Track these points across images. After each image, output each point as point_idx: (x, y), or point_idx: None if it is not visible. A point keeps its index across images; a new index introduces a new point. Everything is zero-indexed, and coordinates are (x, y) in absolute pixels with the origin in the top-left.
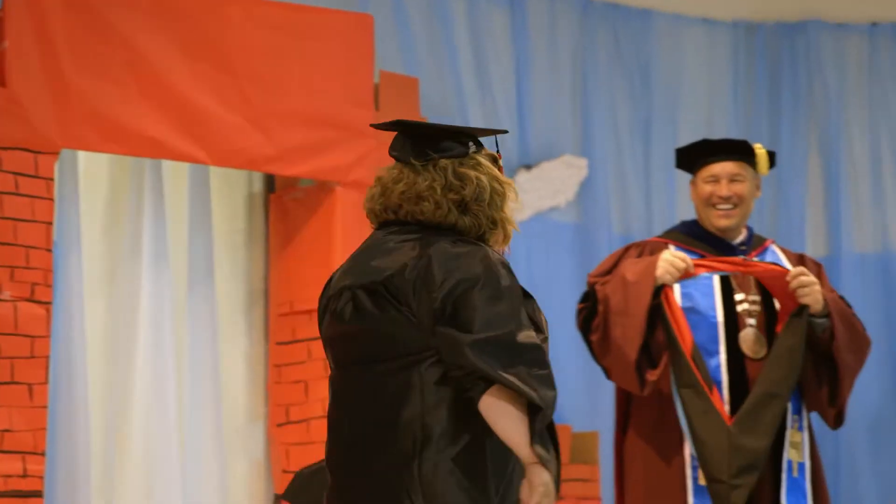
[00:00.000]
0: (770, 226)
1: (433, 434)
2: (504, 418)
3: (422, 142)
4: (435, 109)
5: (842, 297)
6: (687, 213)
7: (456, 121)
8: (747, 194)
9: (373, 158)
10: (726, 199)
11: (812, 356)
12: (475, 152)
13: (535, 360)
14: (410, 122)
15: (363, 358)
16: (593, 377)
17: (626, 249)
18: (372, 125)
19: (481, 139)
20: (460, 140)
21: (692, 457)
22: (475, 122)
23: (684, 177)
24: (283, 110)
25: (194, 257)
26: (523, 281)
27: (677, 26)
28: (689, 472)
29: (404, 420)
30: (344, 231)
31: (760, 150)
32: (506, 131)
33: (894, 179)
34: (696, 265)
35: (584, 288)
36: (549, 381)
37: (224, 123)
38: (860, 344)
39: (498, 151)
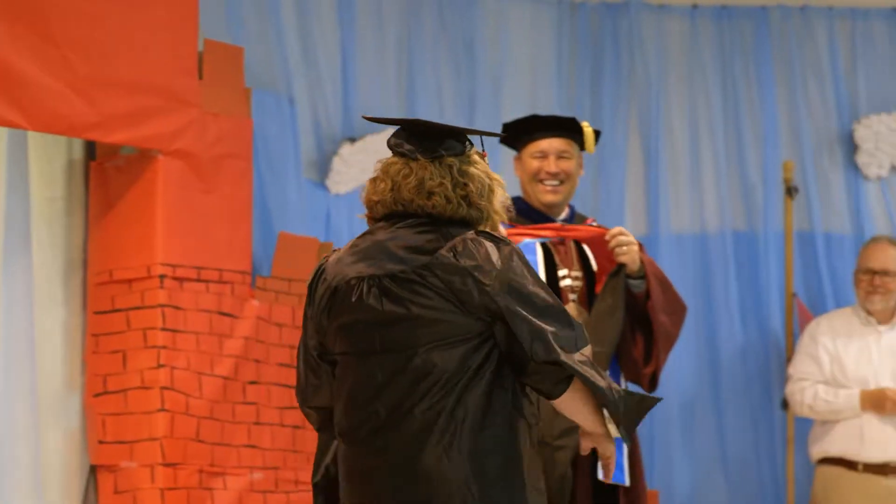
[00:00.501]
0: (590, 205)
1: (473, 415)
2: (583, 411)
3: (429, 140)
4: (259, 80)
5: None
6: (509, 188)
7: (281, 91)
8: (574, 171)
9: (196, 127)
10: (554, 175)
11: (629, 317)
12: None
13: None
14: (419, 122)
15: (398, 344)
16: None
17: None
18: (366, 118)
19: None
20: (460, 139)
21: None
22: (299, 93)
23: (507, 152)
24: (104, 77)
25: (10, 225)
26: None
27: (503, 2)
28: None
29: (448, 404)
30: (165, 200)
31: (588, 129)
32: (500, 134)
33: (712, 161)
34: (517, 233)
35: None
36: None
37: (43, 88)
38: (676, 307)
39: (483, 150)
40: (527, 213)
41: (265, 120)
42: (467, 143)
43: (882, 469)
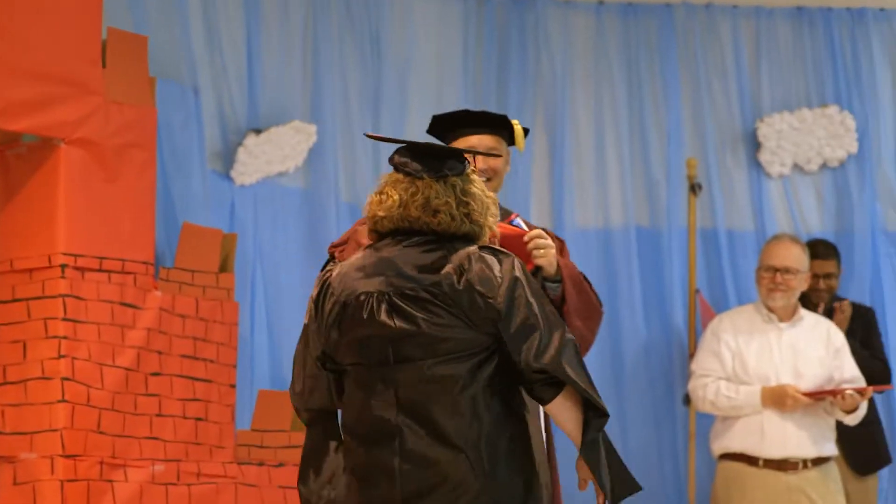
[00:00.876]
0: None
1: (490, 421)
2: (571, 419)
3: (433, 160)
4: (164, 70)
5: (582, 274)
6: None
7: (186, 81)
8: (501, 169)
9: (99, 116)
10: (482, 172)
11: None
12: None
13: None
14: (423, 144)
15: (411, 357)
16: None
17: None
18: (366, 135)
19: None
20: (461, 159)
21: None
22: (204, 83)
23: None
24: (6, 64)
25: None
26: (249, 247)
27: None
28: None
29: (466, 410)
30: (67, 189)
31: (518, 126)
32: (500, 156)
33: (617, 157)
34: None
35: (310, 255)
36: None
37: None
38: (591, 312)
39: (475, 168)
40: None
41: (169, 110)
42: (466, 163)
43: (781, 465)
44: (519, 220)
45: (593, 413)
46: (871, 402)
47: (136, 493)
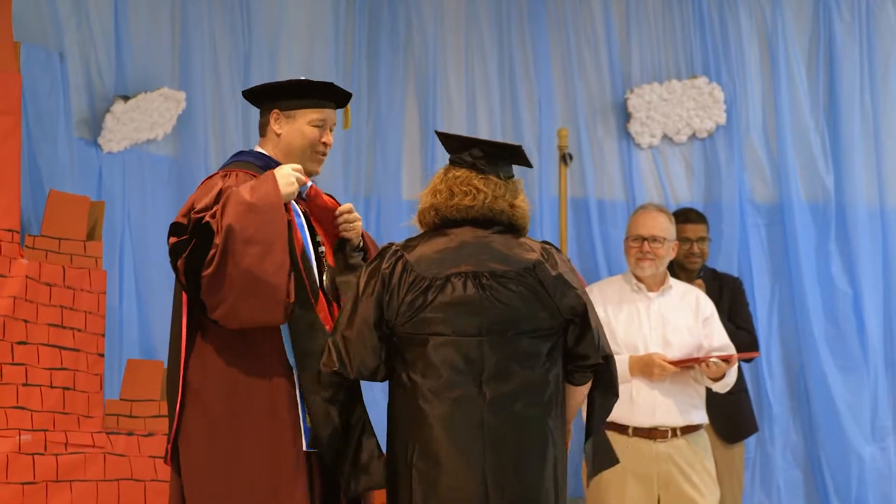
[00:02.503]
0: (365, 170)
1: (555, 391)
2: (583, 400)
3: (505, 161)
4: (29, 34)
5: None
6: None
7: (52, 46)
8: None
9: None
10: (326, 147)
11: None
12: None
13: None
14: (506, 145)
15: (495, 330)
16: None
17: (216, 178)
18: (439, 133)
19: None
20: (528, 163)
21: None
22: (70, 48)
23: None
24: None
25: None
26: (117, 215)
27: None
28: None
29: (543, 380)
30: None
31: (348, 107)
32: (519, 145)
33: (488, 127)
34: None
35: None
36: None
37: None
38: None
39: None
40: None
41: (35, 75)
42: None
43: (651, 433)
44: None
45: (613, 397)
46: (739, 372)
47: (2, 464)
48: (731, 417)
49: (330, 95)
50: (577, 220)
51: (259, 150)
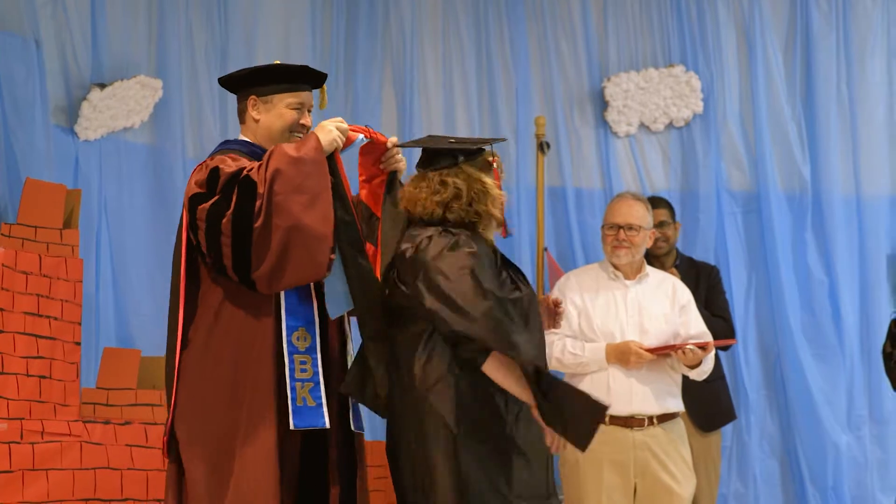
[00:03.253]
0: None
1: (436, 379)
2: (508, 380)
3: (423, 159)
4: (4, 21)
5: None
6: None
7: (27, 33)
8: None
9: None
10: (304, 128)
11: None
12: (465, 161)
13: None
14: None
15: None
16: (164, 301)
17: (221, 157)
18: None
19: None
20: (452, 154)
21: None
22: (46, 35)
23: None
24: None
25: None
26: (94, 203)
27: None
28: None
29: (420, 371)
30: None
31: (324, 86)
32: (504, 139)
33: (465, 115)
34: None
35: (156, 211)
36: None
37: None
38: None
39: (493, 156)
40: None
41: (10, 62)
42: (461, 156)
43: (627, 421)
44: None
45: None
46: (717, 360)
47: None
48: (708, 405)
49: (305, 78)
50: (555, 209)
51: (242, 137)
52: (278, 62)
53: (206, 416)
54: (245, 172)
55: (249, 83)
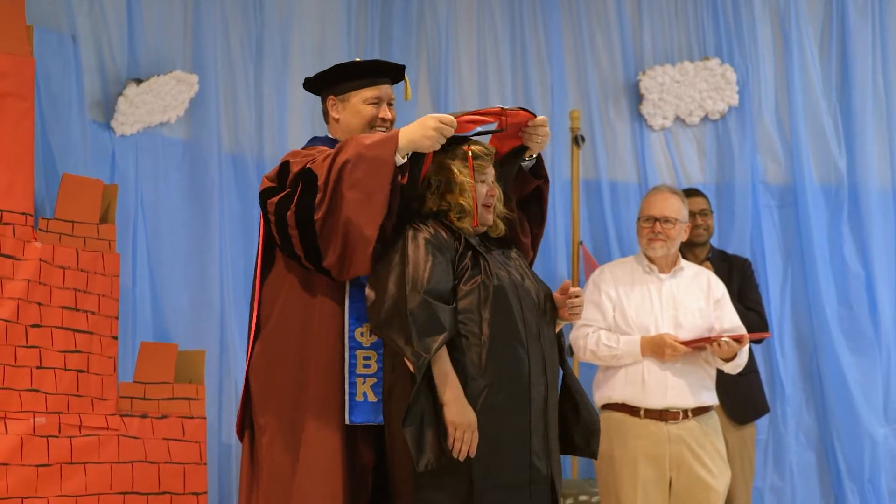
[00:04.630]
0: None
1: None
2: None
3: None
4: (42, 18)
5: None
6: (297, 131)
7: (64, 29)
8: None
9: None
10: (385, 122)
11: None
12: (441, 152)
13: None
14: None
15: None
16: (200, 295)
17: (295, 151)
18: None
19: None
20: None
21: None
22: (83, 31)
23: (296, 95)
24: None
25: None
26: (130, 198)
27: None
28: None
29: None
30: None
31: (406, 78)
32: (501, 130)
33: (500, 105)
34: (464, 121)
35: (192, 205)
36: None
37: None
38: None
39: (469, 145)
40: None
41: (47, 59)
42: None
43: (662, 415)
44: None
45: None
46: (749, 353)
47: (17, 446)
48: (742, 399)
49: (379, 71)
50: (590, 202)
51: (329, 136)
52: (356, 60)
53: (276, 393)
54: (308, 165)
55: (327, 83)
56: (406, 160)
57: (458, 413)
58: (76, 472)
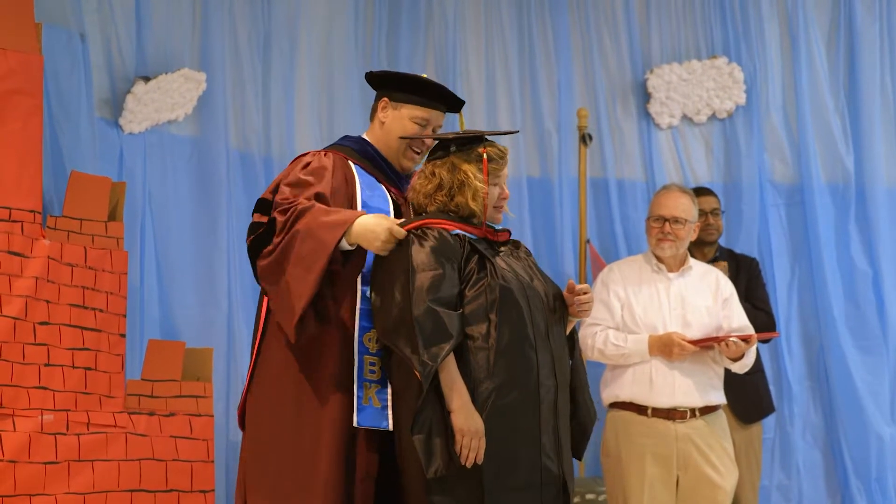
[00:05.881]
0: None
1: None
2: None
3: (431, 150)
4: (50, 15)
5: None
6: (305, 129)
7: (73, 27)
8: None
9: None
10: (423, 147)
11: None
12: (456, 152)
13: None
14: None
15: None
16: (208, 293)
17: (307, 155)
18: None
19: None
20: (443, 145)
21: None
22: (91, 29)
23: (303, 93)
24: None
25: None
26: (138, 195)
27: None
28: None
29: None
30: None
31: (461, 113)
32: (516, 131)
33: (508, 108)
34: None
35: (200, 203)
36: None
37: None
38: None
39: (485, 147)
40: (376, 162)
41: (56, 56)
42: (453, 147)
43: (670, 414)
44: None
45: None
46: (756, 353)
47: (25, 443)
48: (748, 398)
49: (440, 98)
50: (597, 200)
51: (364, 136)
52: (424, 76)
53: (273, 394)
54: (276, 213)
55: (388, 85)
56: (354, 248)
57: (466, 420)
58: (84, 470)
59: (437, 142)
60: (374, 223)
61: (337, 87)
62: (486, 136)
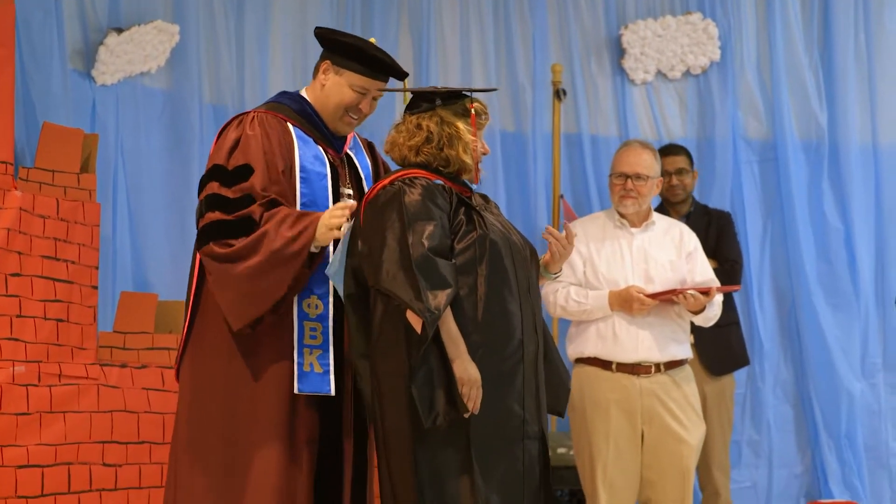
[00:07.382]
0: None
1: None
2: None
3: (408, 103)
4: None
5: None
6: (279, 80)
7: None
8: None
9: None
10: (360, 114)
11: None
12: (442, 105)
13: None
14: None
15: None
16: (180, 246)
17: (233, 129)
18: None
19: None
20: (427, 98)
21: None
22: None
23: (277, 45)
24: None
25: None
26: (111, 147)
27: None
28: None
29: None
30: None
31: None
32: (495, 89)
33: (482, 62)
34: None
35: (172, 155)
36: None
37: None
38: None
39: (472, 102)
40: (314, 122)
41: (28, 7)
42: (439, 100)
43: (634, 369)
44: (356, 138)
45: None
46: (731, 305)
47: None
48: (719, 350)
49: (384, 69)
50: (571, 156)
51: (303, 93)
52: (373, 40)
53: (209, 368)
54: (248, 212)
55: (333, 48)
56: (318, 250)
57: (466, 369)
58: (56, 421)
59: (412, 95)
60: (323, 222)
61: (310, 40)
62: (466, 93)
